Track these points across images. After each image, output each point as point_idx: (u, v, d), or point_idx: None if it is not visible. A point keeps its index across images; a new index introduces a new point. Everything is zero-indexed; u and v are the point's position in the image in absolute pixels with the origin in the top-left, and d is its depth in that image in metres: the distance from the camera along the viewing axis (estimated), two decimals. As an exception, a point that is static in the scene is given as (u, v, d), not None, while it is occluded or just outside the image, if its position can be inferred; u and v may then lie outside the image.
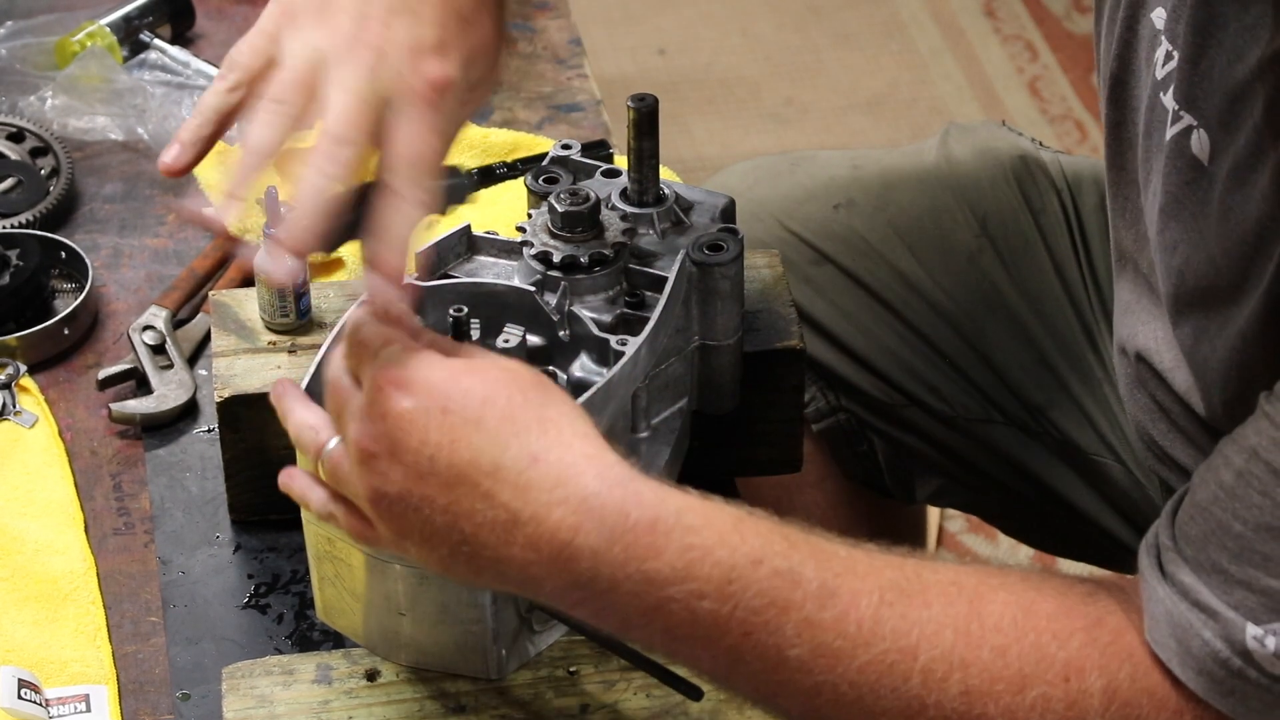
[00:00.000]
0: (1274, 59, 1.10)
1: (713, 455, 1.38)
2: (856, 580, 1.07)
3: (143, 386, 1.50)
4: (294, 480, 1.16)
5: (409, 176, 1.09)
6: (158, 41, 1.83)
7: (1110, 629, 1.07)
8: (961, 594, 1.07)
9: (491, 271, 1.31)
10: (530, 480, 1.05)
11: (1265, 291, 1.14)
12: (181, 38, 1.87)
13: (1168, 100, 1.22)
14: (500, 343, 1.25)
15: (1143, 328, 1.36)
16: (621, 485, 1.06)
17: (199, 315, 1.56)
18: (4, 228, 1.61)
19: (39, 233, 1.60)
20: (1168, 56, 1.22)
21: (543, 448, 1.06)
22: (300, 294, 1.39)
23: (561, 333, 1.27)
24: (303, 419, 1.14)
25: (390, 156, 1.10)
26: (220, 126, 1.14)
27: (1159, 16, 1.23)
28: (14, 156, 1.69)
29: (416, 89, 1.10)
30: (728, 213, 1.35)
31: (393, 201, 1.09)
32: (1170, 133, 1.20)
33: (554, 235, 1.28)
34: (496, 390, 1.08)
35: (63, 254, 1.59)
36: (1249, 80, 1.12)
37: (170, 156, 1.14)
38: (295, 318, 1.39)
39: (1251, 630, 1.02)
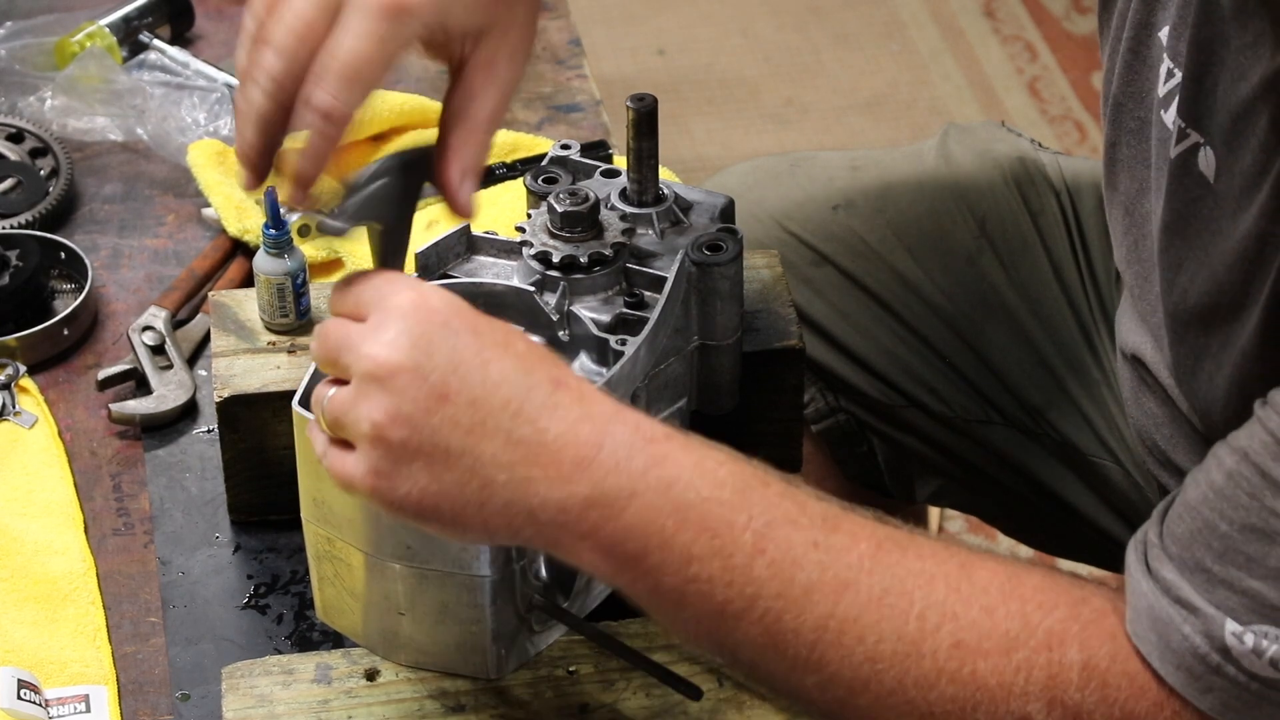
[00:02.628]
0: (1275, 77, 1.10)
1: (712, 455, 1.38)
2: (854, 523, 1.08)
3: (142, 387, 1.50)
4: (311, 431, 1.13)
5: (329, 80, 1.07)
6: (157, 42, 1.83)
7: (1093, 609, 1.08)
8: (952, 556, 1.08)
9: (491, 271, 1.31)
10: (558, 401, 1.06)
11: (1264, 307, 1.14)
12: (181, 38, 1.87)
13: (1168, 118, 1.22)
14: (500, 343, 1.25)
15: (1143, 339, 1.36)
16: (634, 412, 1.09)
17: (199, 315, 1.56)
18: (4, 228, 1.62)
19: (39, 233, 1.60)
20: (1169, 74, 1.22)
21: (562, 374, 1.08)
22: (300, 294, 1.39)
23: (561, 333, 1.27)
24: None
25: (320, 57, 1.08)
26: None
27: (1165, 35, 1.24)
28: (14, 157, 1.69)
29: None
30: (727, 213, 1.35)
31: (299, 108, 1.08)
32: (1175, 151, 1.20)
33: (553, 235, 1.28)
34: (510, 332, 1.09)
35: (62, 254, 1.59)
36: (1252, 98, 1.12)
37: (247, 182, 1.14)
38: (295, 318, 1.39)
39: (1231, 627, 1.02)
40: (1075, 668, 1.06)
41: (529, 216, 1.31)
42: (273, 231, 1.38)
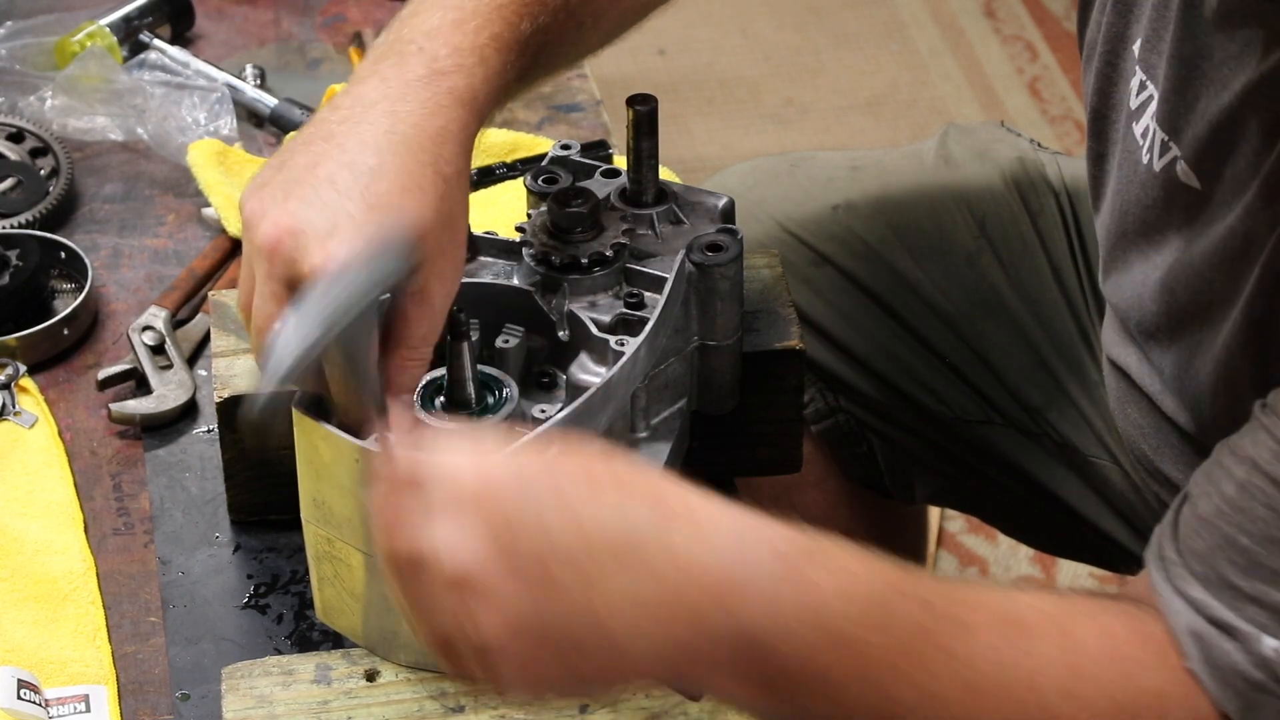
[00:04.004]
0: (1262, 82, 1.10)
1: (712, 455, 1.38)
2: (975, 611, 1.05)
3: (142, 387, 1.50)
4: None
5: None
6: (157, 42, 1.83)
7: (1176, 655, 1.06)
8: (1053, 623, 1.06)
9: (491, 272, 1.31)
10: (671, 538, 0.98)
11: (1246, 303, 1.14)
12: (181, 38, 1.87)
13: (1138, 129, 1.22)
14: (500, 343, 1.26)
15: (1127, 350, 1.36)
16: (759, 525, 1.00)
17: (199, 315, 1.56)
18: (4, 228, 1.62)
19: (39, 233, 1.60)
20: (1141, 87, 1.23)
21: (665, 498, 0.99)
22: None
23: (561, 333, 1.27)
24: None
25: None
26: None
27: (1137, 48, 1.24)
28: (14, 157, 1.69)
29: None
30: (727, 213, 1.35)
31: None
32: (1160, 163, 1.21)
33: (553, 236, 1.28)
34: (590, 464, 1.00)
35: (62, 254, 1.59)
36: (1237, 105, 1.13)
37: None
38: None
39: (1270, 644, 1.02)
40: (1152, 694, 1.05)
41: (529, 216, 1.31)
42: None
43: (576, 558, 0.96)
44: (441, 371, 1.22)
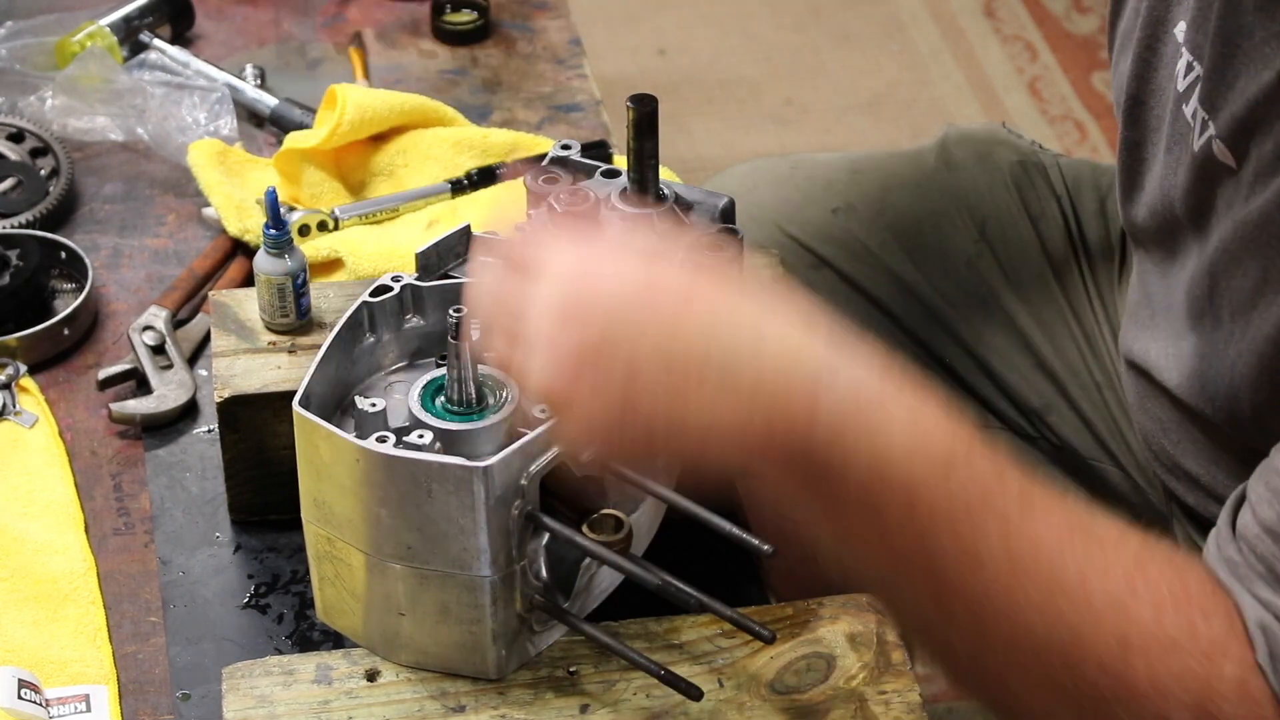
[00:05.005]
0: None
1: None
2: (1047, 505, 1.08)
3: (143, 387, 1.50)
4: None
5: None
6: (157, 42, 1.83)
7: (1242, 619, 1.07)
8: (1128, 546, 1.08)
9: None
10: (764, 348, 1.05)
11: None
12: (181, 38, 1.87)
13: (1188, 110, 1.22)
14: (500, 343, 1.25)
15: (1153, 344, 1.36)
16: (846, 352, 1.06)
17: (199, 315, 1.56)
18: (4, 228, 1.62)
19: (39, 233, 1.60)
20: (1189, 68, 1.23)
21: (764, 313, 1.06)
22: (300, 294, 1.39)
23: (561, 333, 1.27)
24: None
25: None
26: None
27: (1180, 30, 1.24)
28: (14, 156, 1.69)
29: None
30: (728, 213, 1.35)
31: None
32: (1199, 142, 1.21)
33: (554, 236, 1.28)
34: (687, 282, 1.06)
35: (63, 254, 1.59)
36: (1274, 83, 1.14)
37: None
38: (295, 317, 1.39)
39: None
40: (1231, 682, 1.05)
41: (529, 216, 1.31)
42: (273, 231, 1.38)
43: (666, 365, 1.04)
44: (441, 371, 1.23)
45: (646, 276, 1.06)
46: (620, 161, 1.38)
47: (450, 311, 1.20)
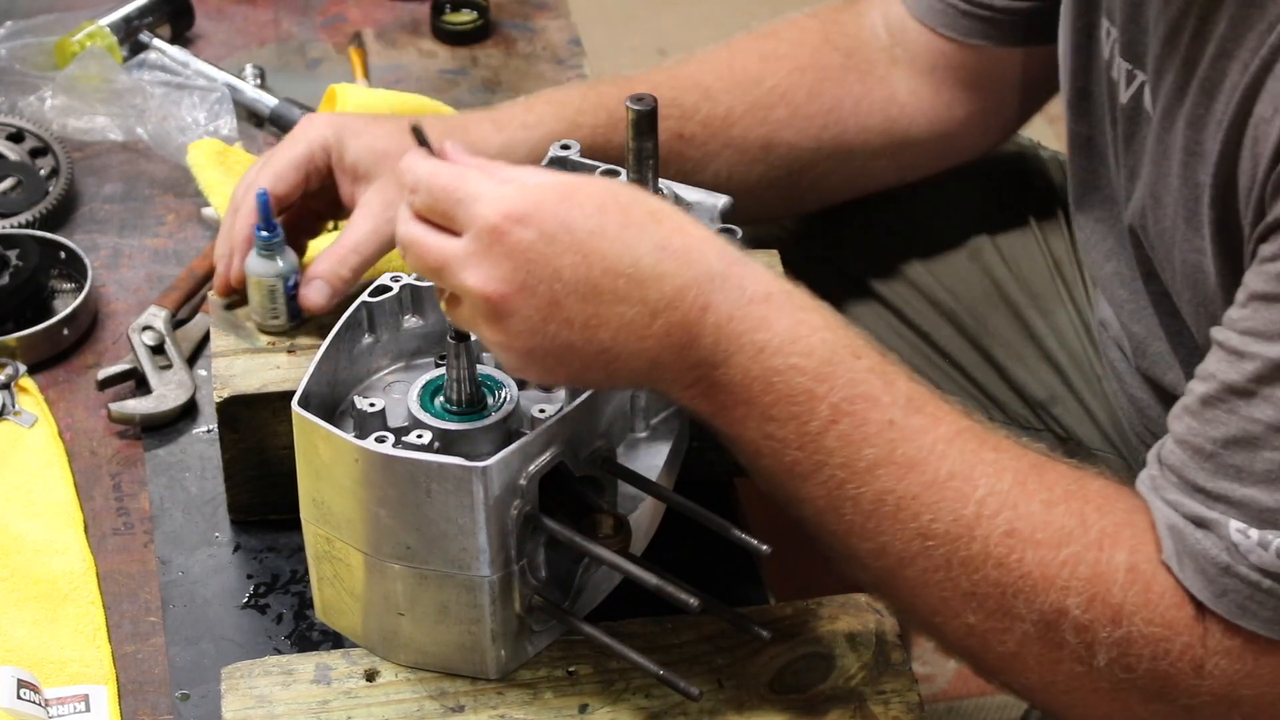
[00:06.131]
0: None
1: (712, 455, 1.38)
2: (937, 408, 1.11)
3: (142, 386, 1.50)
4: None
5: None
6: (157, 42, 1.83)
7: (1149, 519, 1.11)
8: (1026, 454, 1.12)
9: (491, 272, 1.31)
10: (664, 270, 1.09)
11: (1211, 223, 1.16)
12: (181, 38, 1.87)
13: (1116, 70, 1.25)
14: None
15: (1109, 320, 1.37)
16: (739, 263, 1.11)
17: (198, 315, 1.56)
18: (4, 228, 1.62)
19: (39, 233, 1.60)
20: (1108, 33, 1.25)
21: (664, 236, 1.10)
22: (291, 296, 1.39)
23: (561, 333, 1.27)
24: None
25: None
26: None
27: (1103, 6, 1.27)
28: (14, 156, 1.69)
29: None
30: (727, 213, 1.35)
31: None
32: (1127, 94, 1.25)
33: (553, 236, 1.28)
34: (603, 196, 1.10)
35: (62, 254, 1.59)
36: (1179, 15, 1.17)
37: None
38: (286, 319, 1.39)
39: (1235, 525, 1.06)
40: (1121, 569, 1.09)
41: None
42: (264, 233, 1.38)
43: (584, 290, 1.09)
44: (440, 371, 1.23)
45: (567, 186, 1.11)
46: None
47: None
